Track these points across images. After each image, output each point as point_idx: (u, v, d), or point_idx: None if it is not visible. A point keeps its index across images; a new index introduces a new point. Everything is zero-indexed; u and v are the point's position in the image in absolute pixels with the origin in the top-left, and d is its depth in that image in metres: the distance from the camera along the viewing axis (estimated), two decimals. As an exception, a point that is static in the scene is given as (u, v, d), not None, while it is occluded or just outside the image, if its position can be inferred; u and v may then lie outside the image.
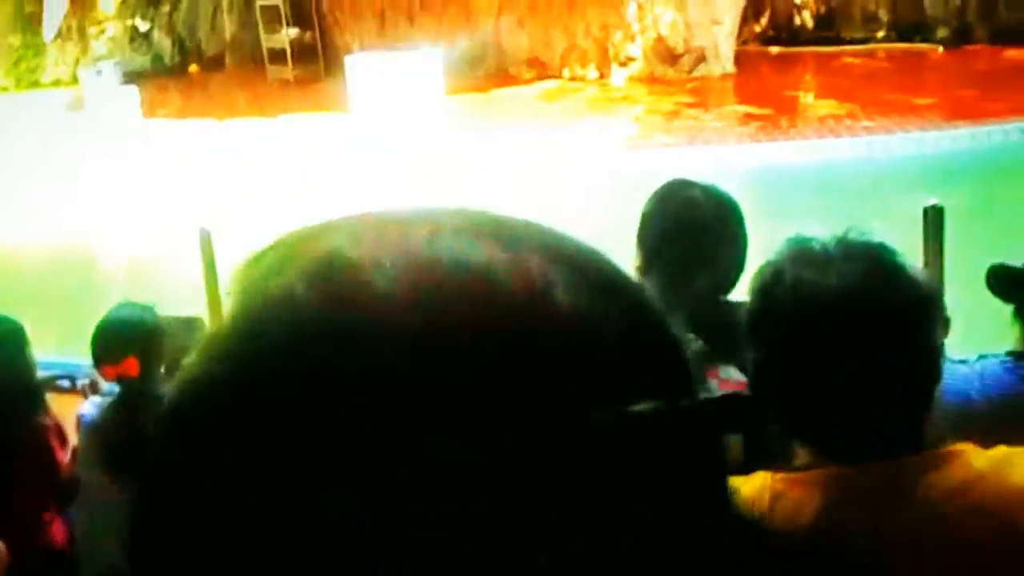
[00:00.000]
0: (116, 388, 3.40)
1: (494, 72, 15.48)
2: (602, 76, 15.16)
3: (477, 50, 15.62)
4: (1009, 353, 2.09)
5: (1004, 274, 2.11)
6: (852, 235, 1.50)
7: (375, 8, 16.84)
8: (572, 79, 15.26)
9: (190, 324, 4.08)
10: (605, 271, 0.49)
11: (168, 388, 0.48)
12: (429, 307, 0.44)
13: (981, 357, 2.13)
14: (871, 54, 15.18)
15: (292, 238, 0.50)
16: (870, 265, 1.46)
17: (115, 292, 6.53)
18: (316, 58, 17.40)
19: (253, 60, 18.02)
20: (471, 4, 15.92)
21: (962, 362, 2.11)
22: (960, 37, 15.12)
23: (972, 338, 2.46)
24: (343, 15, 17.33)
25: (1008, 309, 2.19)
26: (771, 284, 1.51)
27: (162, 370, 3.34)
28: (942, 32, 15.32)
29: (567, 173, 10.60)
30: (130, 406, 3.26)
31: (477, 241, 0.47)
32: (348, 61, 14.52)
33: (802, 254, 1.50)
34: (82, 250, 10.60)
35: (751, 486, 1.48)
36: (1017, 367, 2.05)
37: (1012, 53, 14.12)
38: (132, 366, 3.27)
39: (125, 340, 3.31)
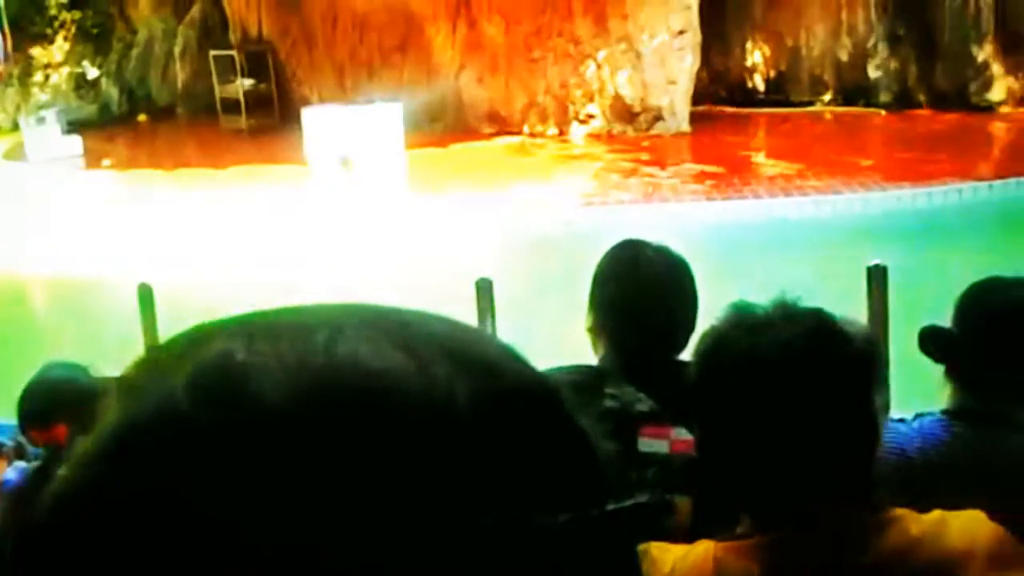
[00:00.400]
0: (44, 453, 3.17)
1: (454, 127, 15.62)
2: (561, 133, 15.36)
3: (437, 105, 15.76)
4: (944, 411, 2.17)
5: (934, 336, 2.19)
6: (791, 300, 1.53)
7: (334, 61, 16.95)
8: (532, 135, 15.44)
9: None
10: (515, 377, 0.48)
11: (39, 494, 0.46)
12: (323, 419, 0.43)
13: (919, 415, 2.20)
14: (818, 116, 15.60)
15: (184, 338, 0.48)
16: (809, 332, 1.49)
17: (48, 349, 6.31)
18: (271, 109, 17.39)
19: (205, 110, 17.98)
20: (432, 59, 16.09)
21: (900, 421, 2.18)
22: (901, 101, 15.59)
23: (916, 395, 2.54)
24: (301, 67, 17.41)
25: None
26: (713, 350, 1.54)
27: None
28: (884, 96, 15.81)
29: (524, 228, 10.70)
30: (55, 475, 3.12)
31: (380, 346, 0.45)
32: (305, 113, 14.56)
33: (743, 320, 1.52)
34: (14, 303, 10.25)
35: (694, 555, 1.50)
36: (952, 425, 2.12)
37: (949, 117, 14.59)
38: (60, 432, 3.04)
39: (54, 403, 3.06)
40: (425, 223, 11.04)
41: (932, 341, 2.17)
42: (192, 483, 0.42)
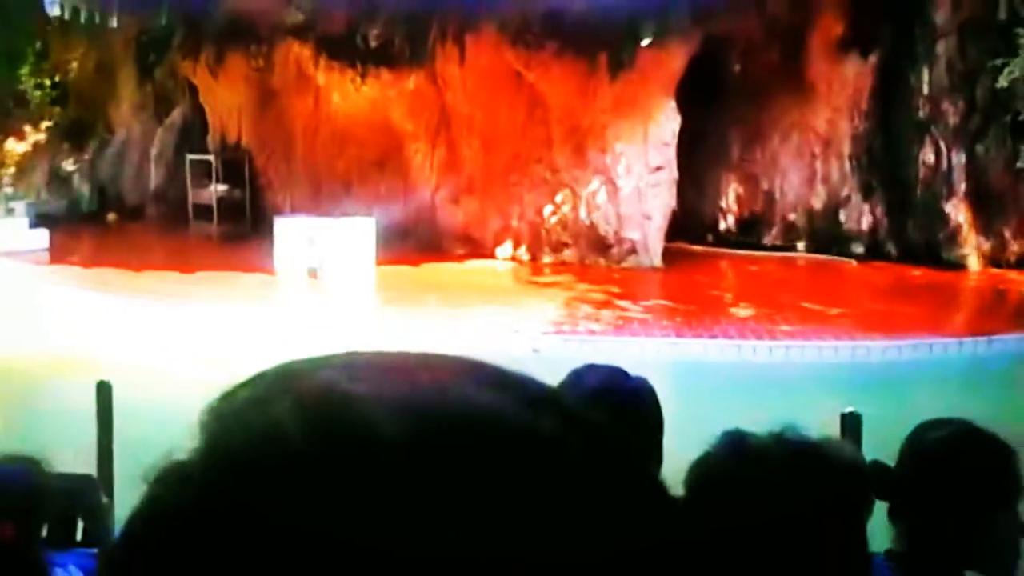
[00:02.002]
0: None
1: (427, 246, 15.61)
2: (533, 259, 15.37)
3: (411, 222, 15.77)
4: (886, 552, 2.06)
5: (876, 473, 2.05)
6: (788, 434, 1.52)
7: (311, 172, 17.02)
8: (504, 259, 15.42)
9: (81, 484, 3.79)
10: (619, 442, 0.49)
11: (129, 519, 0.45)
12: (433, 451, 0.42)
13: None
14: (790, 262, 15.72)
15: (276, 372, 0.47)
16: (808, 464, 1.49)
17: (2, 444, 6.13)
18: (243, 217, 17.37)
19: (176, 214, 17.91)
20: (409, 177, 16.18)
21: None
22: (873, 253, 15.77)
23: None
24: (277, 176, 17.46)
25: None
26: (708, 479, 1.51)
27: (44, 536, 3.03)
28: (856, 247, 15.99)
29: (490, 352, 10.52)
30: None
31: (486, 389, 0.46)
32: (277, 222, 14.49)
33: (740, 450, 1.51)
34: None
35: None
36: (888, 567, 2.02)
37: (920, 272, 14.73)
38: (8, 530, 2.91)
39: (2, 500, 2.96)
40: (390, 340, 10.83)
41: (875, 478, 2.02)
42: (296, 510, 0.41)
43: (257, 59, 16.86)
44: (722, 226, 17.06)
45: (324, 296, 13.03)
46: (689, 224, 16.51)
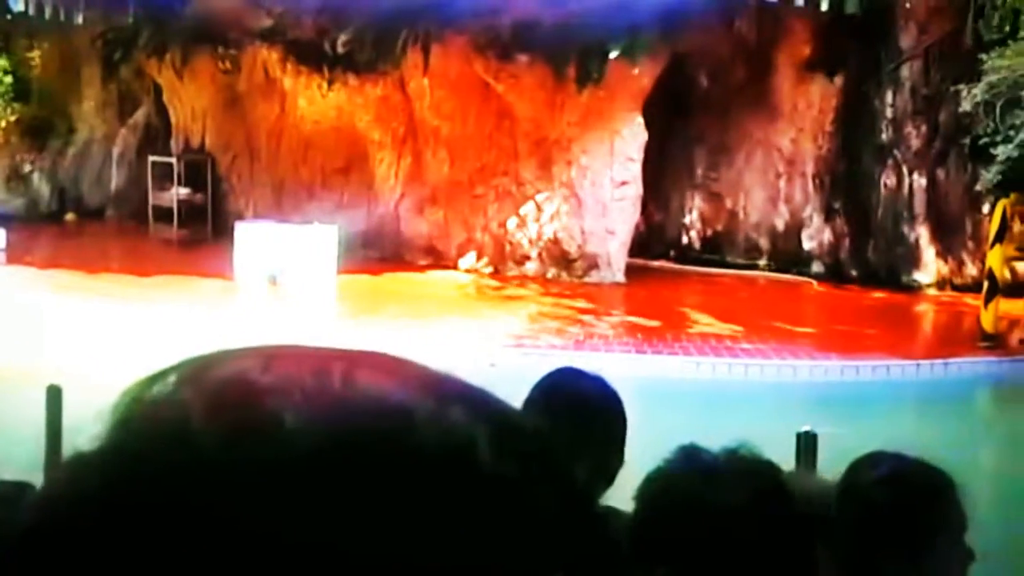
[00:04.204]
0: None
1: (389, 256, 15.51)
2: (496, 271, 15.31)
3: (374, 231, 15.67)
4: None
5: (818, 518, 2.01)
6: (742, 452, 1.52)
7: (274, 178, 16.87)
8: (466, 271, 15.35)
9: (21, 492, 3.67)
10: (531, 431, 0.48)
11: (26, 505, 0.44)
12: (338, 444, 0.42)
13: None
14: (752, 281, 15.78)
15: (190, 363, 0.47)
16: (759, 483, 1.48)
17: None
18: (204, 221, 17.19)
19: (136, 216, 17.70)
20: (373, 185, 16.09)
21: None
22: (833, 274, 15.88)
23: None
24: (240, 181, 17.30)
25: None
26: (657, 493, 1.51)
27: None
28: (817, 267, 16.09)
29: (448, 364, 10.43)
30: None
31: (400, 383, 0.45)
32: (238, 227, 14.34)
33: (692, 467, 1.51)
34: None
35: None
36: None
37: (880, 294, 14.85)
38: None
39: None
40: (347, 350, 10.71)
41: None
42: (196, 498, 0.41)
43: (224, 62, 16.72)
44: (685, 243, 17.11)
45: (283, 304, 12.89)
46: (653, 240, 16.55)
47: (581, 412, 2.15)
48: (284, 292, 13.37)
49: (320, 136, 16.33)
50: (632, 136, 14.96)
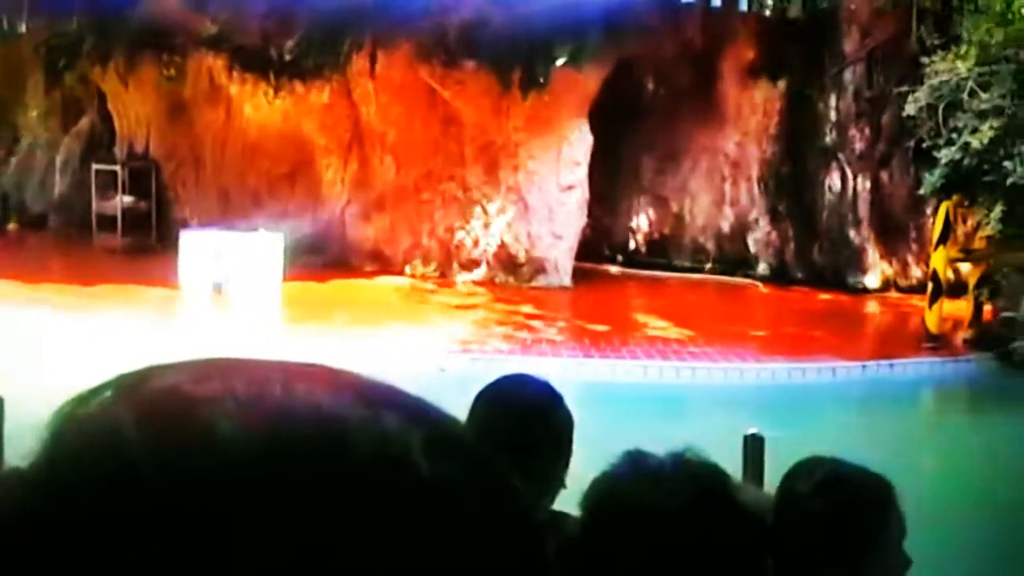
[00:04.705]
0: None
1: (336, 263, 15.38)
2: (443, 276, 15.25)
3: (320, 238, 15.54)
4: None
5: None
6: (688, 456, 1.51)
7: (219, 185, 16.68)
8: (413, 277, 15.28)
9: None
10: (468, 439, 0.48)
11: None
12: (274, 455, 0.42)
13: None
14: (698, 284, 15.87)
15: (127, 376, 0.47)
16: (703, 487, 1.48)
17: None
18: (148, 229, 16.94)
19: (79, 225, 17.40)
20: (320, 191, 15.96)
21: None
22: (779, 276, 16.02)
23: None
24: (184, 188, 17.08)
25: None
26: (603, 498, 1.50)
27: None
28: (763, 269, 16.22)
29: (396, 370, 10.36)
30: None
31: (335, 392, 0.46)
32: (183, 235, 14.14)
33: (637, 471, 1.50)
34: None
35: None
36: None
37: (825, 296, 15.00)
38: None
39: None
40: (294, 358, 10.56)
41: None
42: (131, 513, 0.41)
43: (169, 68, 16.49)
44: (632, 247, 17.17)
45: (228, 312, 12.72)
46: (600, 244, 16.58)
47: (524, 418, 2.13)
48: (229, 300, 13.20)
49: (266, 142, 16.16)
50: (578, 141, 14.98)
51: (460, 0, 14.35)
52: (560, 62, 14.36)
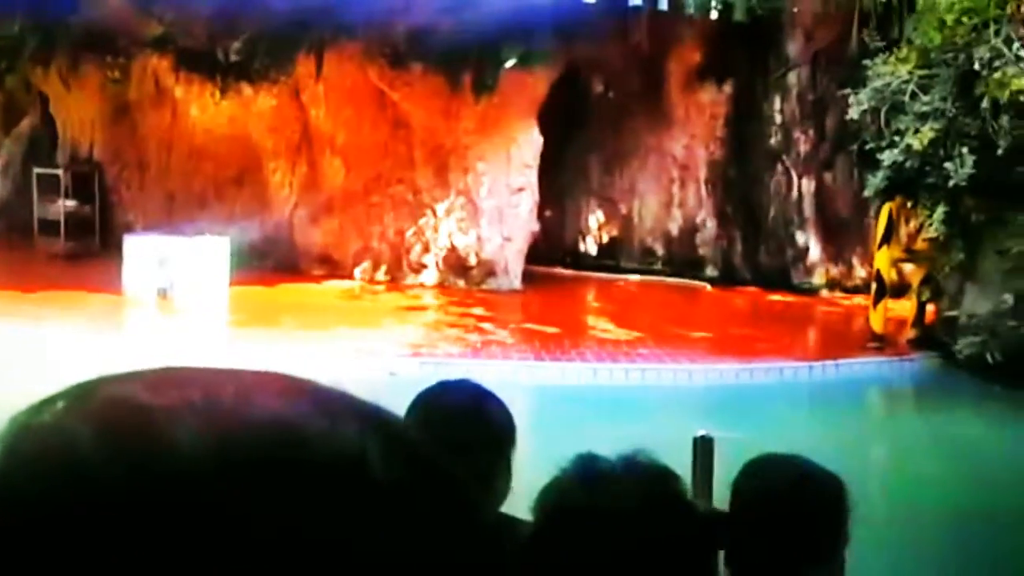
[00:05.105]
0: None
1: (284, 267, 15.25)
2: (393, 280, 15.19)
3: (268, 242, 15.39)
4: None
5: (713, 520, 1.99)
6: (639, 458, 1.52)
7: (164, 189, 16.46)
8: (363, 280, 15.20)
9: None
10: (423, 446, 0.48)
11: None
12: (232, 465, 0.42)
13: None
14: (647, 286, 15.96)
15: (83, 385, 0.46)
16: (653, 490, 1.49)
17: None
18: (92, 234, 16.68)
19: (21, 230, 17.07)
20: (267, 195, 15.81)
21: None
22: (727, 277, 16.18)
23: None
24: (128, 192, 16.84)
25: None
26: (555, 502, 1.51)
27: None
28: (711, 271, 16.37)
29: (345, 375, 10.29)
30: None
31: (292, 401, 0.45)
32: (127, 240, 13.93)
33: (588, 474, 1.51)
34: None
35: None
36: None
37: (772, 297, 15.18)
38: None
39: None
40: (242, 365, 10.44)
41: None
42: (87, 524, 0.40)
43: (113, 70, 16.24)
44: (582, 249, 17.22)
45: (174, 318, 12.54)
46: (550, 247, 16.61)
47: (452, 422, 2.10)
48: (175, 306, 13.03)
49: (212, 146, 15.98)
50: (528, 143, 15.00)
51: (410, 1, 14.29)
52: (509, 64, 14.37)
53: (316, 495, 0.43)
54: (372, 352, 11.06)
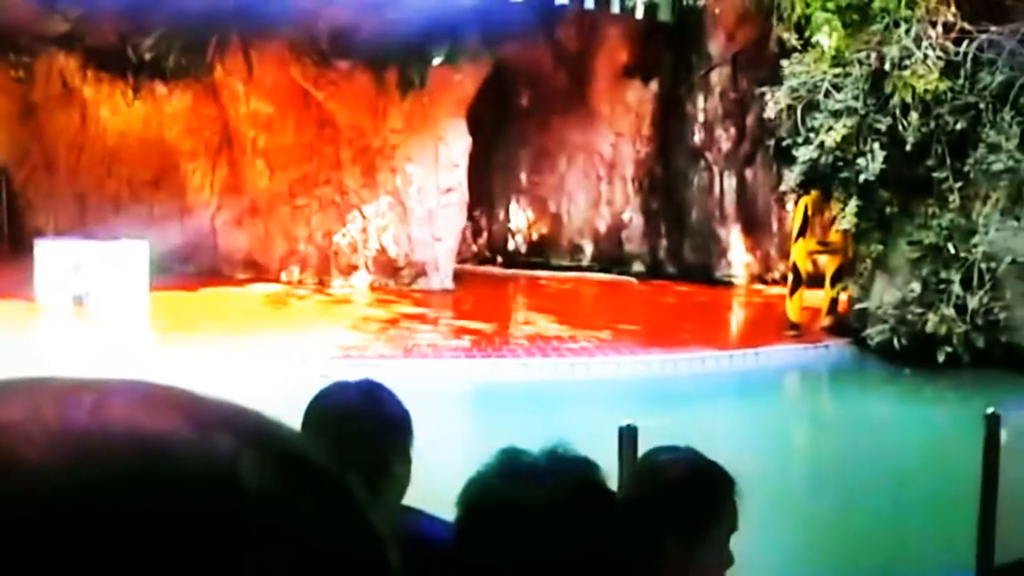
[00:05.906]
0: None
1: (206, 271, 15.01)
2: (322, 283, 15.04)
3: (189, 246, 15.09)
4: None
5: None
6: (561, 449, 1.55)
7: (75, 191, 16.03)
8: (290, 284, 15.02)
9: None
10: (305, 457, 0.45)
11: None
12: (87, 483, 0.39)
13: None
14: (577, 282, 16.10)
15: None
16: (573, 482, 1.51)
17: None
18: (0, 238, 16.23)
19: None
20: (186, 198, 15.52)
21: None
22: (653, 272, 16.42)
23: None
24: (37, 195, 16.40)
25: None
26: (478, 495, 1.53)
27: None
28: (638, 266, 16.59)
29: (274, 380, 10.20)
30: None
31: (155, 411, 0.43)
32: (38, 245, 13.50)
33: (510, 468, 1.53)
34: None
35: None
36: None
37: (695, 290, 15.49)
38: None
39: None
40: (163, 373, 10.29)
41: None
42: None
43: (16, 70, 15.78)
44: (512, 247, 17.30)
45: (91, 325, 12.19)
46: (480, 245, 16.66)
47: (333, 420, 2.13)
48: (92, 313, 12.68)
49: (126, 147, 15.61)
50: (457, 142, 14.96)
51: (333, -1, 14.12)
52: (436, 62, 14.31)
53: (177, 514, 0.40)
54: (301, 356, 10.96)
